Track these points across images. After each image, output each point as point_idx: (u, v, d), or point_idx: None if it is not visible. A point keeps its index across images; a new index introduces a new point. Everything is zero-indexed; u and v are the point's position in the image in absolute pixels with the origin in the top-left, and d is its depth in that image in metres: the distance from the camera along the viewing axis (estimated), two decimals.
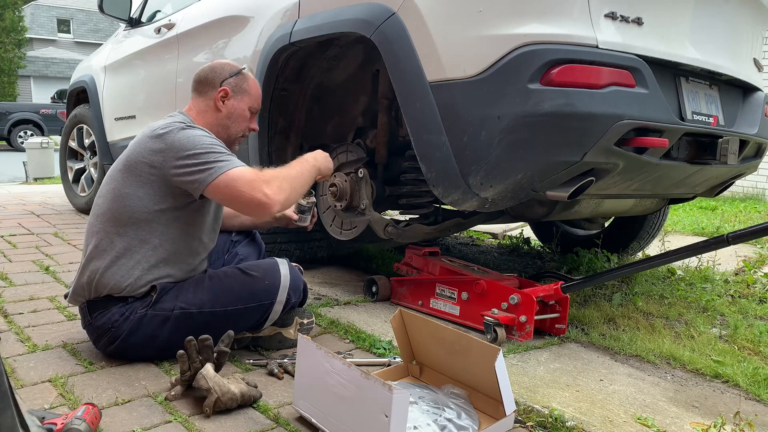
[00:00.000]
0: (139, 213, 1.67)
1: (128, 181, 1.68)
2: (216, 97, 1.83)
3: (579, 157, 1.77)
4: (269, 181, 1.64)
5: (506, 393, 1.38)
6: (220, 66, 1.88)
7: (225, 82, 1.84)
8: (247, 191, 1.61)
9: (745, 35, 2.28)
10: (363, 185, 2.37)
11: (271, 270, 1.79)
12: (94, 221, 1.73)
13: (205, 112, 1.84)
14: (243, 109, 1.87)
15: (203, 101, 1.84)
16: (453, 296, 2.21)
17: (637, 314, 2.35)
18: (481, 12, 1.79)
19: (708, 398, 1.67)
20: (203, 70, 1.88)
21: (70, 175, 4.72)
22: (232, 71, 1.86)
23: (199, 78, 1.87)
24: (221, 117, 1.84)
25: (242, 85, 1.87)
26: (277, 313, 1.80)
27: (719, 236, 1.84)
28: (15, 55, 25.73)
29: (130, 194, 1.67)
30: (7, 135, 16.17)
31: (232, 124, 1.86)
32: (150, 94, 3.59)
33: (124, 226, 1.68)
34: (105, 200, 1.72)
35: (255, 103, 1.91)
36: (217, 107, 1.83)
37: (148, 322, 1.66)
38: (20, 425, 0.86)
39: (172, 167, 1.63)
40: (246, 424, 1.40)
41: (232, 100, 1.84)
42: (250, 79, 1.90)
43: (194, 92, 1.88)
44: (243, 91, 1.87)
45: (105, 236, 1.69)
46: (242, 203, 1.64)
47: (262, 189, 1.61)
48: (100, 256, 1.69)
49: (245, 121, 1.89)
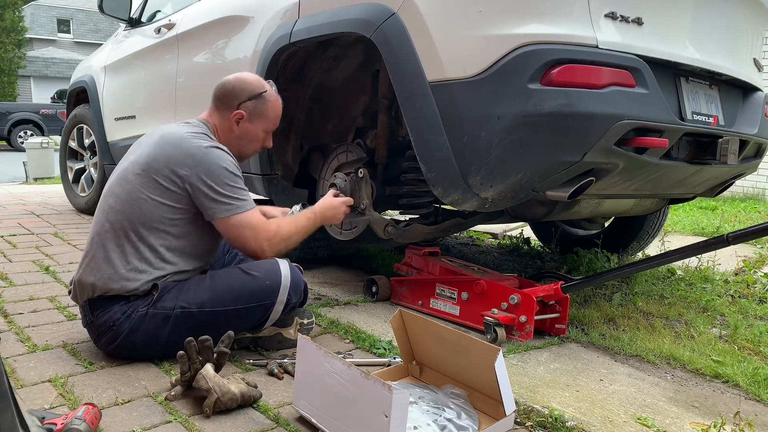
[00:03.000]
0: (153, 218, 1.69)
1: (147, 185, 1.70)
2: (231, 118, 1.86)
3: (579, 157, 1.77)
4: (271, 238, 1.78)
5: (506, 393, 1.38)
6: (241, 85, 1.87)
7: (242, 105, 1.86)
8: (250, 238, 1.75)
9: (745, 35, 2.28)
10: (363, 185, 2.37)
11: (272, 270, 1.79)
12: (104, 220, 1.72)
13: (222, 127, 1.88)
14: (257, 132, 1.91)
15: (219, 117, 1.88)
16: (453, 296, 2.21)
17: (637, 314, 2.35)
18: (481, 12, 1.79)
19: (708, 398, 1.67)
20: (226, 86, 1.88)
21: (70, 175, 4.72)
22: (252, 93, 1.86)
23: (222, 93, 1.88)
24: (234, 137, 1.89)
25: (260, 108, 1.88)
26: (277, 313, 1.80)
27: (719, 236, 1.84)
28: (15, 55, 25.74)
29: (146, 199, 1.69)
30: (7, 135, 16.17)
31: (244, 145, 1.92)
32: (150, 95, 3.59)
33: (136, 230, 1.69)
34: (118, 201, 1.72)
35: (272, 125, 1.95)
36: (231, 128, 1.87)
37: (149, 320, 1.67)
38: (20, 425, 0.86)
39: (197, 182, 1.69)
40: (246, 424, 1.40)
41: (246, 123, 1.88)
42: (269, 102, 1.90)
43: (213, 105, 1.90)
44: (260, 115, 1.89)
45: (114, 236, 1.70)
46: (241, 246, 1.78)
47: (261, 243, 1.76)
48: (106, 256, 1.69)
49: (258, 142, 1.94)
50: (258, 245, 1.76)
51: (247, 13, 2.71)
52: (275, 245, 1.79)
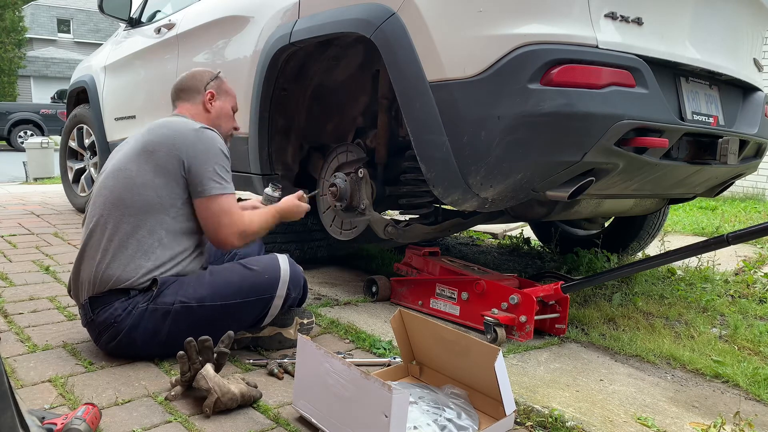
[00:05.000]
0: (151, 202, 1.70)
1: (144, 168, 1.71)
2: (205, 100, 1.96)
3: (579, 157, 1.77)
4: (244, 230, 1.78)
5: (506, 393, 1.38)
6: (198, 73, 2.00)
7: (209, 86, 1.97)
8: (225, 225, 1.75)
9: (745, 35, 2.28)
10: (363, 185, 2.37)
11: (271, 264, 1.80)
12: (98, 214, 1.73)
13: (197, 115, 1.95)
14: (228, 109, 2.02)
15: (192, 106, 1.96)
16: (453, 296, 2.21)
17: (637, 314, 2.35)
18: (481, 12, 1.79)
19: (708, 398, 1.67)
20: (182, 81, 2.00)
21: (70, 175, 4.72)
22: (211, 75, 2.01)
23: (182, 87, 1.98)
24: (212, 118, 1.97)
25: (222, 86, 2.01)
26: (276, 308, 1.80)
27: (719, 236, 1.84)
28: (15, 55, 25.72)
29: (146, 183, 1.71)
30: (7, 135, 16.16)
31: (222, 123, 2.00)
32: (150, 94, 3.59)
33: (133, 217, 1.69)
34: (113, 193, 1.72)
35: (234, 102, 2.06)
36: (207, 109, 1.97)
37: (150, 316, 1.67)
38: (20, 425, 0.86)
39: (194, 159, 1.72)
40: (246, 424, 1.40)
41: (218, 101, 1.99)
42: (225, 82, 2.04)
43: (179, 100, 1.98)
44: (225, 92, 2.02)
45: (110, 229, 1.70)
46: (212, 230, 1.76)
47: (234, 232, 1.76)
48: (105, 244, 1.69)
49: (230, 119, 2.05)
50: (230, 233, 1.76)
51: (247, 13, 2.71)
52: (245, 238, 1.80)
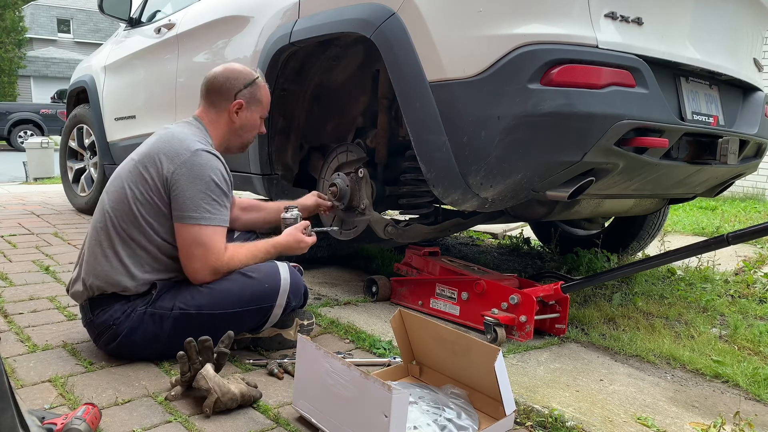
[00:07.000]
0: (136, 216, 1.68)
1: (133, 179, 1.70)
2: (231, 109, 1.85)
3: (579, 157, 1.77)
4: (218, 267, 1.68)
5: (506, 393, 1.38)
6: (234, 75, 1.86)
7: (239, 94, 1.85)
8: (197, 257, 1.66)
9: (745, 35, 2.28)
10: (363, 185, 2.37)
11: (271, 273, 1.77)
12: (99, 218, 1.73)
13: (218, 122, 1.86)
14: (255, 120, 1.91)
15: (216, 112, 1.86)
16: (453, 296, 2.21)
17: (637, 314, 2.35)
18: (481, 12, 1.79)
19: (708, 398, 1.67)
20: (217, 79, 1.85)
21: (70, 175, 4.72)
22: (247, 81, 1.86)
23: (213, 87, 1.85)
24: (235, 128, 1.88)
25: (256, 94, 1.89)
26: (276, 316, 1.79)
27: (719, 236, 1.84)
28: (15, 55, 25.73)
29: (136, 196, 1.68)
30: (7, 135, 16.16)
31: (243, 134, 1.91)
32: (150, 94, 3.59)
33: (132, 222, 1.69)
34: (111, 199, 1.72)
35: (266, 110, 1.96)
36: (231, 120, 1.86)
37: (149, 319, 1.66)
38: (20, 425, 0.86)
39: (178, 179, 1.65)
40: (246, 424, 1.40)
41: (246, 111, 1.87)
42: (262, 88, 1.91)
43: (206, 101, 1.87)
44: (256, 101, 1.90)
45: (107, 235, 1.70)
46: (184, 260, 1.68)
47: (205, 267, 1.66)
48: (103, 254, 1.69)
49: (256, 129, 1.95)
50: (200, 267, 1.66)
51: (247, 13, 2.71)
52: (218, 275, 1.69)
